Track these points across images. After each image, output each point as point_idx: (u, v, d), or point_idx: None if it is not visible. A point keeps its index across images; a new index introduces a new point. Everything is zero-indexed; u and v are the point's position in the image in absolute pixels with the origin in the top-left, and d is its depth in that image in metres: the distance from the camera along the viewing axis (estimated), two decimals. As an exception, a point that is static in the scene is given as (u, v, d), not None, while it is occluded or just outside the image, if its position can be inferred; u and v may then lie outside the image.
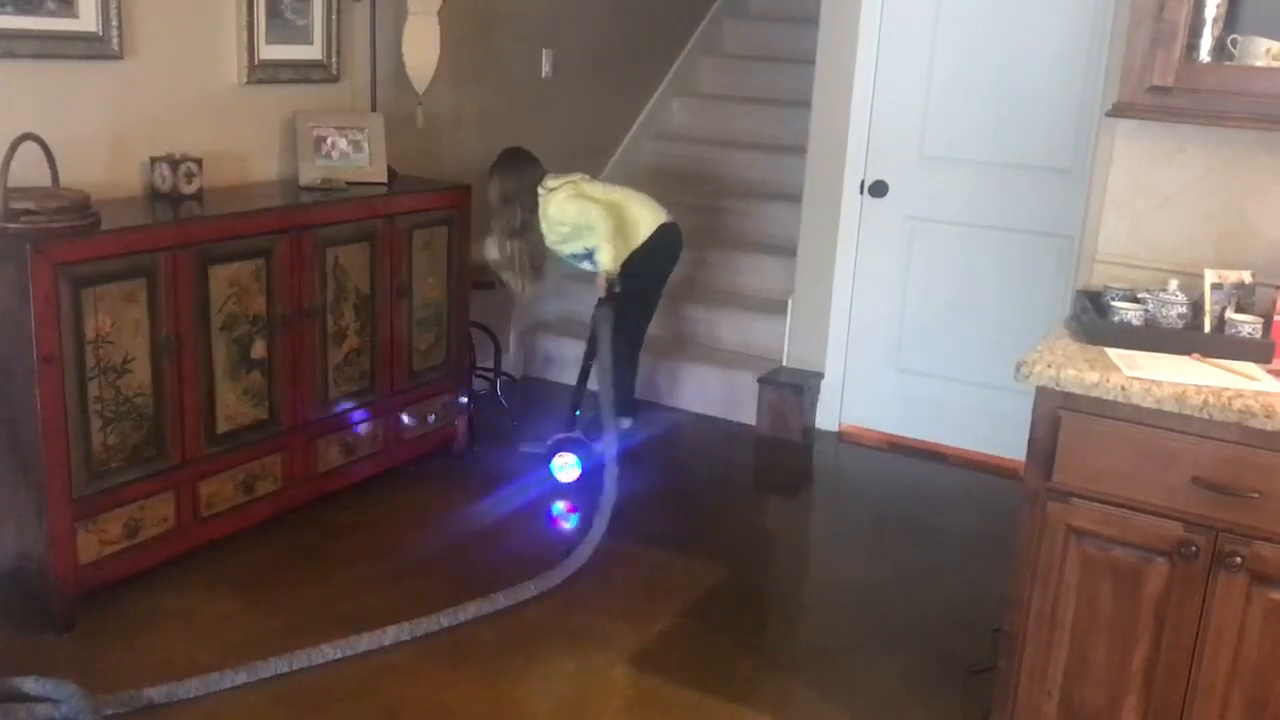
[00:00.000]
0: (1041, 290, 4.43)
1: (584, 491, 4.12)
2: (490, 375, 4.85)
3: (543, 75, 5.22)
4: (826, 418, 4.90)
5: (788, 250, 5.06)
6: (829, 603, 3.58)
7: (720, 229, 5.59)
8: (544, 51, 5.20)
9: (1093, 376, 2.31)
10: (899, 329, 4.75)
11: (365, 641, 3.08)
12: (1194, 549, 2.28)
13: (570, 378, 5.32)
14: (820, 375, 4.87)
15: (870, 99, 4.60)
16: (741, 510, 4.23)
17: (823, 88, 4.70)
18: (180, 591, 3.30)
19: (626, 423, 4.53)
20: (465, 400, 4.37)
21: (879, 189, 4.65)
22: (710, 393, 5.08)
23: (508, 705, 2.90)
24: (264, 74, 3.86)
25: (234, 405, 3.42)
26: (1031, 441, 2.44)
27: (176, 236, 3.18)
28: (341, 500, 3.88)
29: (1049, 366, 2.36)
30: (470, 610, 3.26)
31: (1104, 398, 2.30)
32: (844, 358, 4.87)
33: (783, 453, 4.74)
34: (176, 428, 3.27)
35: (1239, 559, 2.24)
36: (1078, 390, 2.32)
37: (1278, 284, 2.58)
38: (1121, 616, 2.39)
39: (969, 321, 4.60)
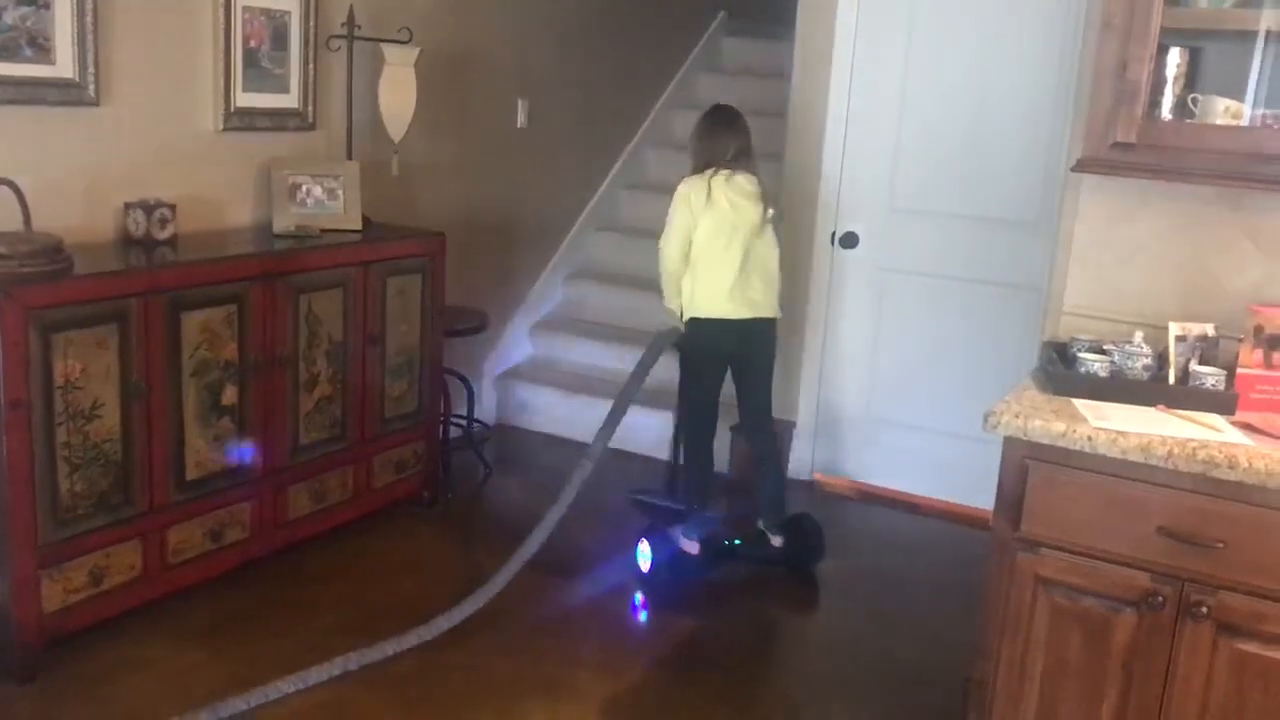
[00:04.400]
0: (1009, 341, 4.47)
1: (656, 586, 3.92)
2: (463, 423, 4.84)
3: (518, 125, 5.27)
4: (798, 466, 4.91)
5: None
6: (801, 653, 3.58)
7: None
8: (519, 101, 5.24)
9: (1059, 426, 2.34)
10: (870, 378, 4.78)
11: (315, 674, 3.10)
12: (1160, 599, 2.30)
13: (546, 426, 5.36)
14: (792, 424, 4.89)
15: (841, 152, 4.66)
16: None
17: (794, 140, 4.77)
18: (146, 641, 3.26)
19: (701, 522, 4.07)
20: (438, 449, 4.36)
21: (850, 240, 4.70)
22: (640, 434, 5.06)
23: (476, 757, 2.87)
24: (240, 121, 3.87)
25: (203, 452, 3.40)
26: (1000, 491, 2.46)
27: (149, 282, 3.18)
28: (311, 549, 3.85)
29: (1016, 416, 2.39)
30: (411, 639, 3.28)
31: (1071, 448, 2.32)
32: (815, 406, 4.89)
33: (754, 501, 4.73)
34: (145, 474, 3.24)
35: (1205, 609, 2.26)
36: (1045, 440, 2.35)
37: (1239, 336, 2.62)
38: (1090, 666, 2.40)
39: (939, 371, 4.64)
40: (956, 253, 4.54)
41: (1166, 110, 2.56)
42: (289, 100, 4.04)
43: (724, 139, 3.92)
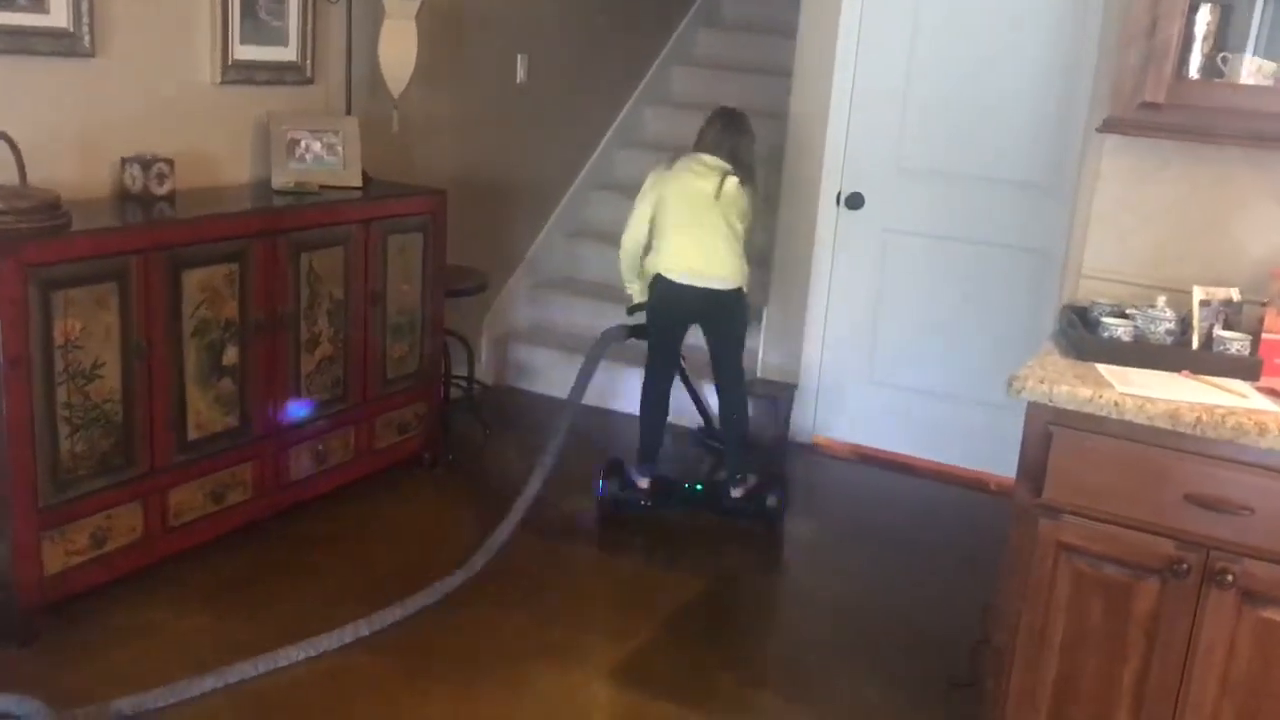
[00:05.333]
0: (1015, 304, 4.45)
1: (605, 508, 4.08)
2: (464, 384, 4.79)
3: (517, 81, 5.18)
4: (800, 429, 4.88)
5: (762, 261, 5.03)
6: (807, 616, 3.56)
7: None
8: (519, 57, 5.15)
9: (1085, 392, 2.30)
10: (873, 341, 4.75)
11: (325, 641, 3.07)
12: (1185, 567, 2.27)
13: (544, 386, 5.31)
14: (794, 386, 4.86)
15: (847, 112, 4.60)
16: (716, 521, 4.19)
17: (800, 99, 4.70)
18: (148, 605, 3.21)
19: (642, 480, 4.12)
20: (439, 410, 4.31)
21: (855, 201, 4.65)
22: (682, 403, 5.03)
23: (487, 722, 2.85)
24: (238, 74, 3.78)
25: (205, 412, 3.35)
26: (1022, 457, 2.43)
27: (149, 239, 3.11)
28: (313, 510, 3.80)
29: (1041, 382, 2.35)
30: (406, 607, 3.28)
31: (1097, 414, 2.29)
32: (818, 369, 4.85)
33: (757, 464, 4.70)
34: (146, 435, 3.19)
35: (1230, 577, 2.24)
36: (1070, 406, 2.31)
37: (1263, 301, 2.59)
38: (1111, 634, 2.38)
39: (942, 334, 4.60)
40: (962, 214, 4.49)
41: (1194, 70, 2.51)
42: (287, 53, 3.95)
43: (706, 132, 4.04)
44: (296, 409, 3.64)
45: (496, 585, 3.49)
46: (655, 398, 4.14)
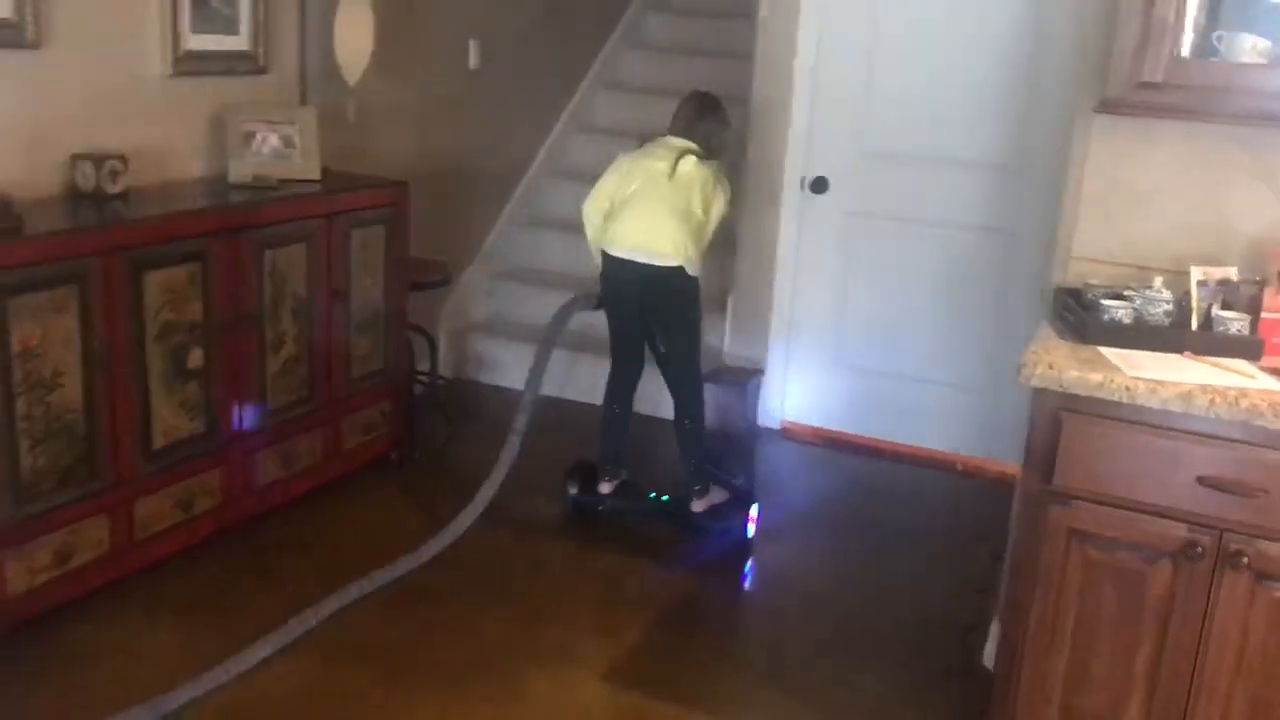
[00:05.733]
0: (980, 286, 4.45)
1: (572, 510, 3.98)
2: (426, 379, 4.67)
3: (471, 66, 5.06)
4: (768, 414, 4.84)
5: (726, 247, 4.98)
6: (793, 606, 3.51)
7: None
8: (471, 42, 5.03)
9: (1096, 377, 2.27)
10: (839, 325, 4.72)
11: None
12: (1199, 550, 2.26)
13: (506, 379, 5.21)
14: (761, 372, 4.81)
15: (810, 95, 4.55)
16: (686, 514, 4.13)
17: (762, 84, 4.64)
18: (117, 621, 3.08)
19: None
20: (406, 408, 4.20)
21: (819, 185, 4.60)
22: (648, 391, 4.96)
23: (485, 730, 2.77)
24: (189, 65, 3.63)
25: (170, 419, 3.21)
26: (1030, 444, 2.40)
27: (109, 240, 2.97)
28: (282, 516, 3.68)
29: (1050, 367, 2.31)
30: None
31: (1108, 398, 2.26)
32: (785, 354, 4.82)
33: (726, 450, 4.65)
34: (110, 445, 3.05)
35: (1245, 559, 2.23)
36: (1081, 391, 2.28)
37: (1259, 280, 2.59)
38: (1124, 620, 2.36)
39: (908, 317, 4.59)
40: (927, 197, 4.47)
41: (1189, 49, 2.48)
42: (239, 42, 3.81)
43: (677, 116, 3.93)
44: (254, 412, 3.51)
45: (476, 587, 3.40)
46: (612, 399, 4.00)
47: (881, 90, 4.45)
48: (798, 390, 4.83)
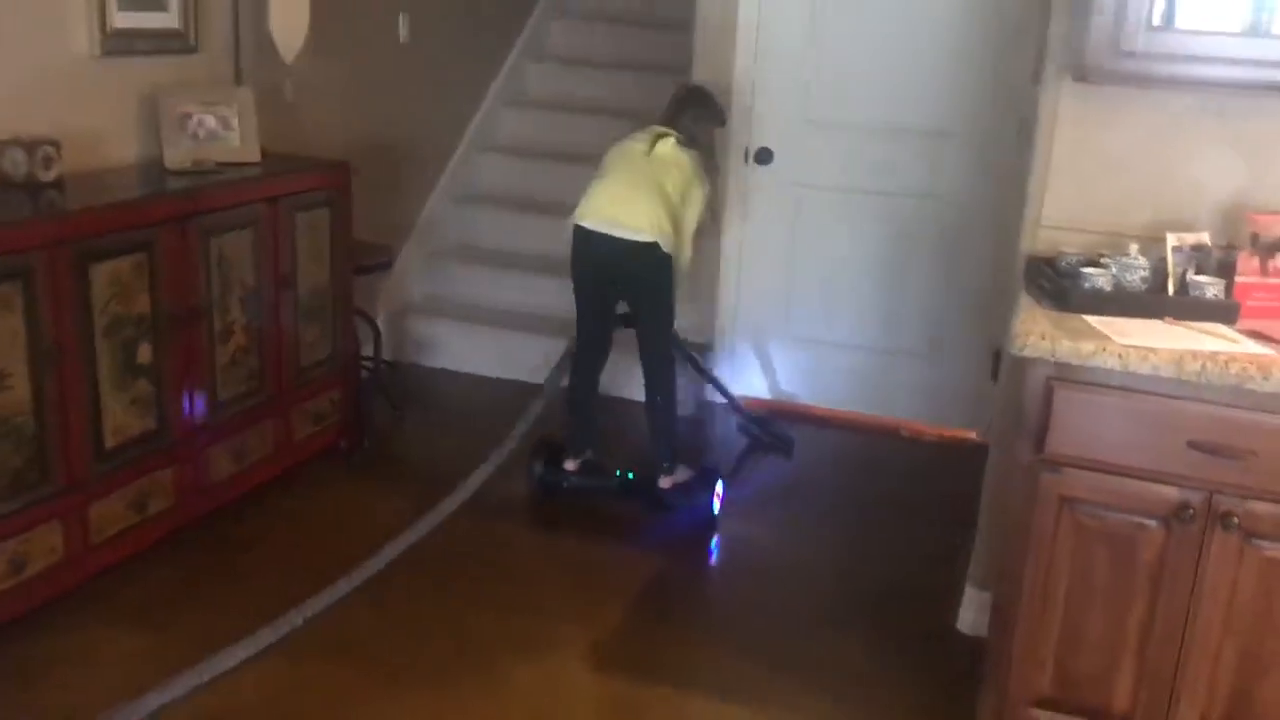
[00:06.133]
0: (926, 253, 4.49)
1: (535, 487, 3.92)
2: (369, 364, 4.56)
3: (400, 41, 4.92)
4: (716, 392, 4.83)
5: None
6: (763, 579, 3.51)
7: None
8: (401, 15, 4.89)
9: (1089, 346, 2.29)
10: (787, 296, 4.72)
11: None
12: (1191, 512, 2.30)
13: (446, 361, 5.12)
14: (710, 346, 4.80)
15: (753, 65, 4.52)
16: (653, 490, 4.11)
17: (703, 53, 4.58)
18: (76, 630, 2.95)
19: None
20: (355, 395, 4.09)
21: (764, 156, 4.59)
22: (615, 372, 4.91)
23: (477, 724, 2.71)
24: (118, 44, 3.45)
25: (121, 417, 3.07)
26: (1021, 413, 2.42)
27: (54, 232, 2.81)
28: (236, 512, 3.56)
29: (1043, 338, 2.33)
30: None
31: (1101, 366, 2.29)
32: (733, 327, 4.81)
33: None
34: (61, 447, 2.90)
35: (1235, 519, 2.28)
36: (1074, 360, 2.30)
37: (1229, 245, 2.64)
38: (1116, 583, 2.40)
39: (855, 286, 4.61)
40: (872, 165, 4.48)
41: (1167, 16, 2.49)
42: (169, 19, 3.64)
43: (666, 108, 3.88)
44: (206, 406, 3.38)
45: (450, 578, 3.33)
46: (577, 378, 3.95)
47: (824, 60, 4.44)
48: (747, 363, 4.83)
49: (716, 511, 3.79)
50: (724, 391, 4.46)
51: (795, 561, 3.59)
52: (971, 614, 3.18)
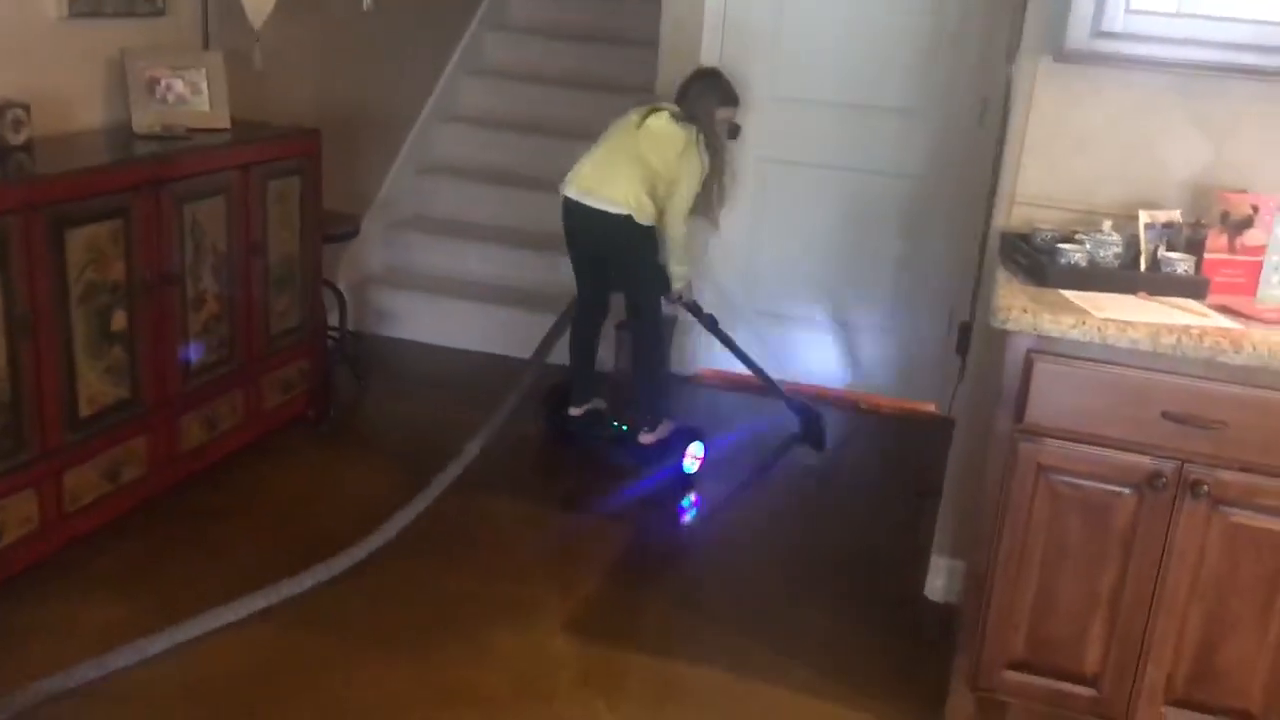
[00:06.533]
0: (889, 229, 4.56)
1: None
2: (336, 335, 4.53)
3: (364, 8, 4.85)
4: (682, 361, 4.87)
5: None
6: (734, 550, 3.56)
7: (558, 172, 5.38)
8: (366, -18, 4.83)
9: (1069, 320, 2.36)
10: (752, 270, 4.77)
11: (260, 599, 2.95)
12: (1163, 480, 2.39)
13: (408, 331, 5.10)
14: (676, 318, 4.82)
15: (720, 39, 4.54)
16: (629, 465, 4.12)
17: (670, 26, 4.59)
18: (51, 599, 2.92)
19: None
20: (323, 365, 4.07)
21: (731, 131, 4.60)
22: (560, 341, 4.93)
23: (462, 690, 2.73)
24: (85, 5, 3.39)
25: (96, 385, 3.04)
26: (1003, 384, 2.48)
27: (28, 196, 2.77)
28: (207, 481, 3.54)
29: (1025, 312, 2.39)
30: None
31: (1081, 339, 2.36)
32: (699, 299, 4.82)
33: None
34: (36, 415, 2.87)
35: (1205, 487, 2.37)
36: (1054, 333, 2.37)
37: (1193, 222, 2.73)
38: (1089, 549, 2.48)
39: (820, 262, 4.67)
40: (838, 141, 4.53)
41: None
42: (135, -19, 3.57)
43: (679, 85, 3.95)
44: (179, 374, 3.35)
45: (428, 546, 3.34)
46: (575, 332, 4.11)
47: (792, 37, 4.47)
48: (711, 337, 4.86)
49: (691, 471, 3.90)
50: (760, 373, 4.35)
51: (763, 530, 3.65)
52: (940, 581, 3.26)
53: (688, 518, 3.77)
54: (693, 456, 3.94)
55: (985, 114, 4.25)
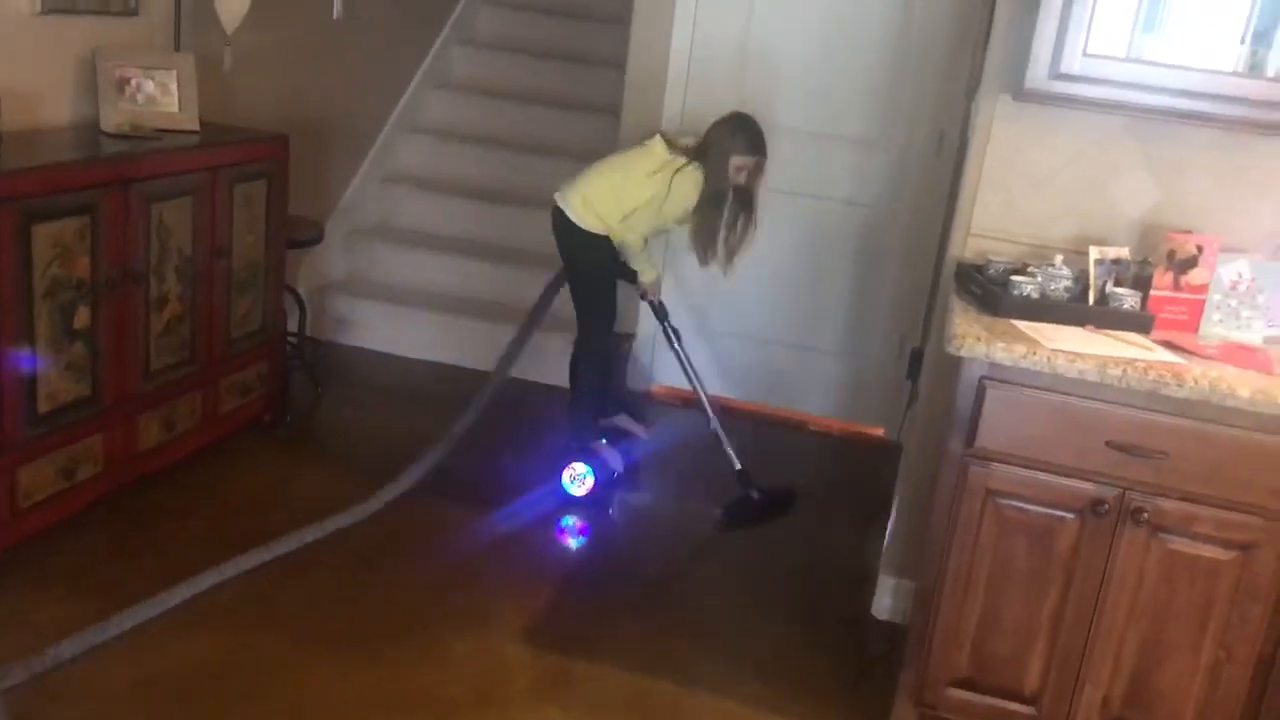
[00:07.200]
0: (842, 256, 4.65)
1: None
2: (295, 341, 4.53)
3: (334, 16, 4.88)
4: (636, 378, 4.93)
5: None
6: (690, 563, 3.62)
7: (521, 187, 5.46)
8: (337, -9, 4.86)
9: (1020, 349, 2.45)
10: (707, 291, 4.83)
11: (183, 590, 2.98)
12: (1105, 507, 2.48)
13: (366, 340, 5.11)
14: (632, 335, 4.89)
15: (686, 66, 4.62)
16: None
17: (637, 52, 4.65)
18: (6, 594, 2.91)
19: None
20: (282, 370, 4.08)
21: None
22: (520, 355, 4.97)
23: (417, 696, 2.76)
24: (59, 2, 3.39)
25: (56, 381, 3.03)
26: (954, 409, 2.56)
27: (1, 189, 2.77)
28: (161, 481, 3.53)
29: (978, 340, 2.47)
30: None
31: (1031, 368, 2.44)
32: (654, 320, 4.89)
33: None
34: (-5, 410, 2.86)
35: (1145, 514, 2.46)
36: (1006, 362, 2.46)
37: (1141, 260, 2.83)
38: (1033, 571, 2.56)
39: (773, 285, 4.75)
40: (796, 169, 4.61)
41: (1109, 44, 2.64)
42: (109, -20, 3.58)
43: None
44: (139, 374, 3.35)
45: (380, 554, 3.36)
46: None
47: (756, 64, 4.56)
48: (666, 355, 4.92)
49: (573, 492, 3.88)
50: (706, 405, 4.08)
51: (715, 546, 3.71)
52: (887, 600, 3.34)
53: (570, 541, 3.74)
54: (575, 476, 3.88)
55: (942, 146, 4.37)
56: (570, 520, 3.76)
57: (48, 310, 2.96)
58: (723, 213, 3.82)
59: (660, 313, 4.14)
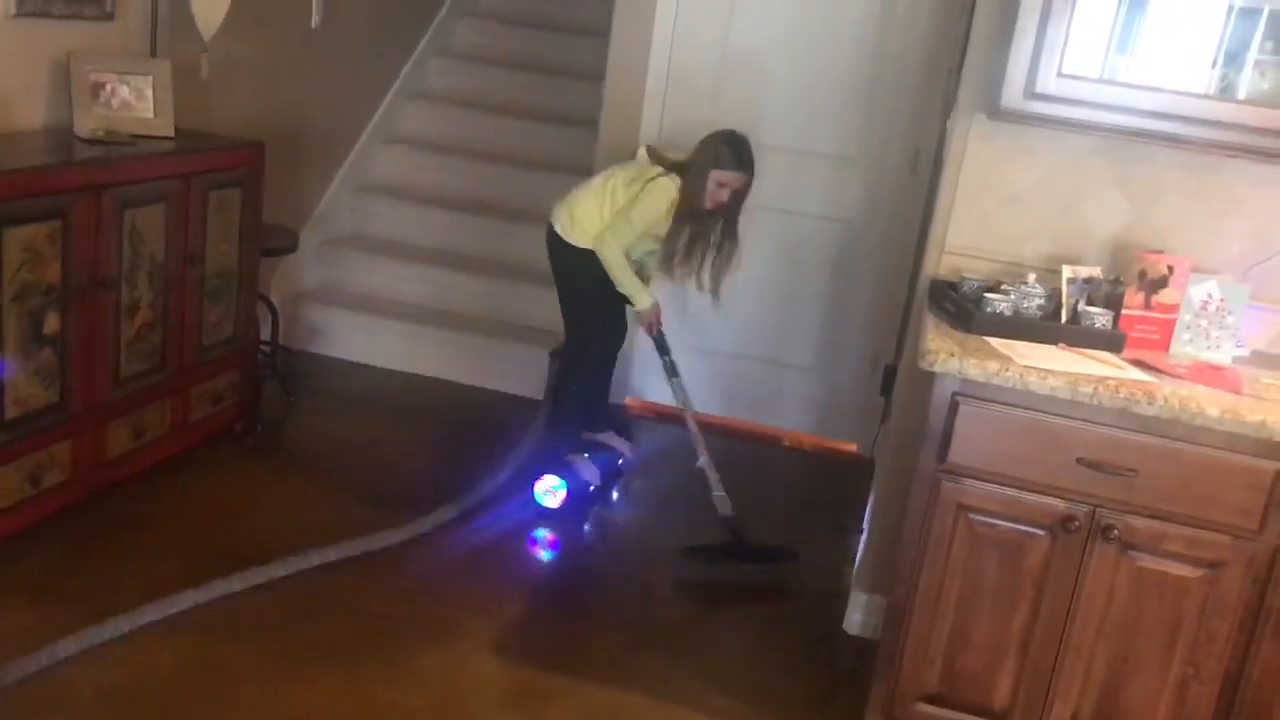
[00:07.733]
0: (817, 272, 4.67)
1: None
2: (267, 349, 4.51)
3: (312, 26, 4.88)
4: (615, 389, 4.91)
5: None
6: (661, 576, 3.60)
7: (497, 199, 5.46)
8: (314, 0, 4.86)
9: (993, 365, 2.46)
10: (682, 306, 4.83)
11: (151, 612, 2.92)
12: (1076, 523, 2.49)
13: (338, 350, 5.09)
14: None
15: (665, 80, 4.63)
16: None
17: (616, 66, 4.66)
18: (-33, 602, 2.88)
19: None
20: (253, 378, 4.05)
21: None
22: (491, 366, 4.96)
23: (383, 708, 2.73)
24: (34, 6, 3.37)
25: (24, 387, 3.00)
26: (927, 425, 2.57)
27: (-31, 194, 2.74)
28: (131, 490, 3.50)
29: (951, 356, 2.49)
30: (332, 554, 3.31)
31: (1004, 385, 2.46)
32: (630, 334, 4.89)
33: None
34: (-39, 414, 2.83)
35: (1115, 531, 2.48)
36: (979, 378, 2.47)
37: (1112, 279, 2.86)
38: (1004, 587, 2.58)
39: (748, 300, 4.75)
40: (773, 184, 4.61)
41: (1083, 64, 2.66)
42: (85, -16, 3.56)
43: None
44: (108, 381, 3.32)
45: (348, 564, 3.33)
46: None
47: (734, 79, 4.57)
48: (639, 369, 4.93)
49: (545, 504, 3.86)
50: (711, 475, 3.83)
51: (685, 563, 3.68)
52: (858, 615, 3.34)
53: (542, 553, 3.72)
54: (547, 489, 3.85)
55: (918, 164, 4.40)
56: (543, 533, 3.75)
57: (17, 315, 2.93)
58: (688, 231, 3.73)
59: (661, 347, 4.03)
